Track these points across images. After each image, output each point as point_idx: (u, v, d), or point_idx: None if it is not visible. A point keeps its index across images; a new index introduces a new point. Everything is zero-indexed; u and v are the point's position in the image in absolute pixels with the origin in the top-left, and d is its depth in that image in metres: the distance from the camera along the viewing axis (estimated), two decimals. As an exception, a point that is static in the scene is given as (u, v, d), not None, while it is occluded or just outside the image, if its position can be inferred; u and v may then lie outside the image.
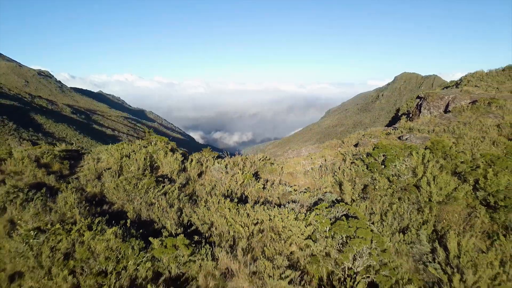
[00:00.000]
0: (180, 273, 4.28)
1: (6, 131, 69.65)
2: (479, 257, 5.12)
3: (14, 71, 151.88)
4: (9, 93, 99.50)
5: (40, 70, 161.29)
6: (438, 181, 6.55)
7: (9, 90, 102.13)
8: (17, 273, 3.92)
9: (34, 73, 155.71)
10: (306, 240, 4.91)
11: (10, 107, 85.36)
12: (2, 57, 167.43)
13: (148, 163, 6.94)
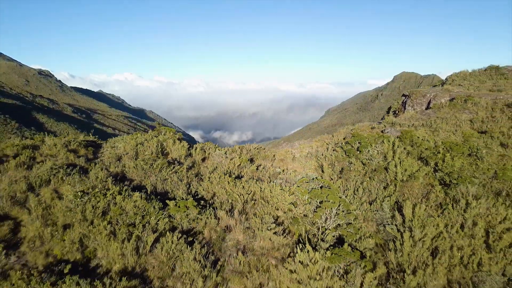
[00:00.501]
0: (190, 228, 5.59)
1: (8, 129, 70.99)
2: (428, 220, 6.47)
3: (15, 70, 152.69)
4: (10, 92, 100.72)
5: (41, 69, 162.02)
6: (403, 163, 7.88)
7: (10, 89, 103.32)
8: (67, 224, 5.23)
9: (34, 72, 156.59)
10: (289, 205, 6.22)
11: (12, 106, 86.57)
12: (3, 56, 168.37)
13: (159, 149, 8.25)
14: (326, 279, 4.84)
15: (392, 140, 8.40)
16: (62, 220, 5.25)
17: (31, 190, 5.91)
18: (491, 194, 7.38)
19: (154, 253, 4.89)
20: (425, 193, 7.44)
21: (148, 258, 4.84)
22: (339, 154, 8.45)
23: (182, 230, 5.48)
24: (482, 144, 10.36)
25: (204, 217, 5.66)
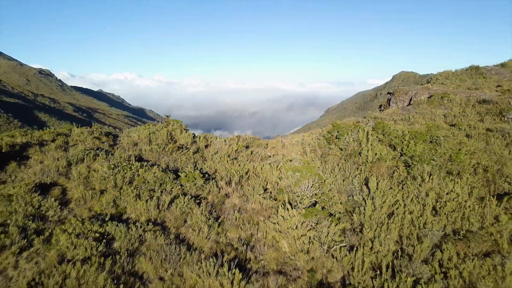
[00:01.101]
0: (197, 194, 7.18)
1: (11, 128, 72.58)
2: (388, 192, 8.07)
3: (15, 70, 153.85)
4: (12, 91, 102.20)
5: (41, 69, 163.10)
6: (374, 149, 9.47)
7: (12, 89, 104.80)
8: (103, 190, 6.82)
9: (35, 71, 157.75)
10: (276, 179, 7.81)
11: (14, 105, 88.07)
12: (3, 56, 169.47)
13: (169, 137, 9.84)
14: (301, 229, 6.43)
15: (366, 130, 9.99)
16: (98, 187, 6.84)
17: (70, 165, 7.50)
18: (444, 172, 8.99)
19: (171, 210, 6.48)
20: (391, 172, 9.03)
21: (166, 213, 6.43)
22: (321, 142, 10.05)
23: (191, 195, 7.06)
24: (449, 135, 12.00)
25: (208, 186, 7.25)
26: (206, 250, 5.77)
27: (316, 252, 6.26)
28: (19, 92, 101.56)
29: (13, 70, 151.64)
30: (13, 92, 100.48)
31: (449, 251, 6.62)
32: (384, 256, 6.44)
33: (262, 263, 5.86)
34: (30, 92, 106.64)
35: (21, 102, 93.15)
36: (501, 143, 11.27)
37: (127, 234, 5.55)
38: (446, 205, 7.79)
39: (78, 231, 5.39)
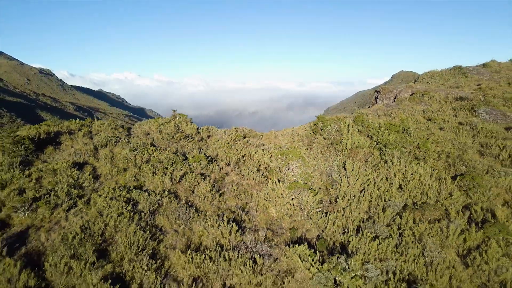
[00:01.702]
0: (202, 172, 8.79)
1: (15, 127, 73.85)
2: (362, 172, 9.68)
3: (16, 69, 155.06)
4: (14, 90, 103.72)
5: (42, 68, 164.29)
6: (353, 138, 11.08)
7: (14, 88, 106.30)
8: (125, 168, 8.42)
9: (35, 71, 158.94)
10: (267, 161, 9.42)
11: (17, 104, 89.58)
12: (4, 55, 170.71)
13: (176, 128, 11.44)
14: (286, 198, 8.04)
15: (347, 122, 11.60)
16: (121, 165, 8.45)
17: (96, 149, 9.11)
18: (412, 157, 10.61)
19: (181, 183, 8.09)
20: (367, 157, 10.63)
21: (177, 185, 8.04)
22: (308, 133, 11.66)
23: (197, 173, 8.67)
24: (424, 128, 13.63)
25: (211, 166, 8.86)
26: (209, 213, 7.37)
27: (298, 216, 7.88)
28: (21, 92, 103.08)
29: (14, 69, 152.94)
30: (15, 92, 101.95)
31: (407, 217, 8.27)
32: (353, 220, 8.07)
33: (254, 223, 7.48)
34: (31, 91, 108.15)
35: (23, 101, 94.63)
36: (468, 134, 12.93)
37: (148, 199, 7.17)
38: (409, 183, 9.42)
39: (110, 196, 7.00)
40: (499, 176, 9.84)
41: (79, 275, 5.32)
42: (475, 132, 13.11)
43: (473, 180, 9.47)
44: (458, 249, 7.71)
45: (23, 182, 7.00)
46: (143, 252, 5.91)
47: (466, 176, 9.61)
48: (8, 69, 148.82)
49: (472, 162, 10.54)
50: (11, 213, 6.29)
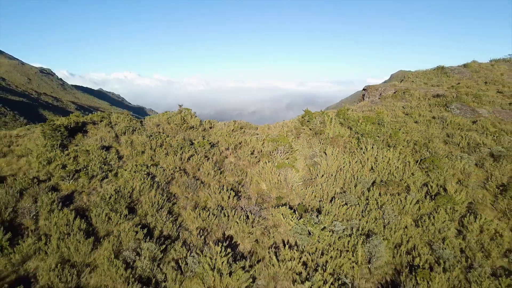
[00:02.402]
0: (206, 154, 10.70)
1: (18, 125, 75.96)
2: (340, 156, 11.58)
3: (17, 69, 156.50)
4: (16, 90, 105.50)
5: (42, 68, 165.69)
6: (335, 128, 12.98)
7: (16, 87, 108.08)
8: (143, 150, 10.32)
9: (36, 70, 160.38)
10: (260, 147, 11.33)
11: (19, 103, 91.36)
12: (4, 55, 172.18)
13: (182, 120, 13.34)
14: (274, 175, 9.94)
15: (330, 116, 13.51)
16: (139, 149, 10.35)
17: (117, 136, 11.01)
18: (384, 145, 12.51)
19: (189, 162, 9.99)
20: (346, 145, 12.54)
21: (186, 164, 9.95)
22: (297, 124, 13.57)
23: (202, 155, 10.56)
24: (401, 121, 15.51)
25: (213, 150, 10.76)
26: (212, 185, 9.27)
27: (284, 189, 9.78)
28: (23, 91, 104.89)
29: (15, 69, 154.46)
30: (17, 91, 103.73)
31: (374, 191, 10.18)
32: (328, 192, 9.98)
33: (248, 193, 9.39)
34: (33, 90, 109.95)
35: (26, 100, 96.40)
36: (438, 127, 14.86)
37: (163, 173, 9.07)
38: (379, 165, 11.33)
39: (134, 170, 8.90)
40: (455, 159, 11.77)
41: (116, 223, 7.22)
42: (444, 125, 15.03)
43: (433, 163, 11.37)
44: (413, 216, 9.63)
45: (64, 159, 8.90)
46: (162, 210, 7.82)
47: (427, 160, 11.52)
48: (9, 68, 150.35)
49: (435, 149, 12.46)
50: (59, 181, 8.18)
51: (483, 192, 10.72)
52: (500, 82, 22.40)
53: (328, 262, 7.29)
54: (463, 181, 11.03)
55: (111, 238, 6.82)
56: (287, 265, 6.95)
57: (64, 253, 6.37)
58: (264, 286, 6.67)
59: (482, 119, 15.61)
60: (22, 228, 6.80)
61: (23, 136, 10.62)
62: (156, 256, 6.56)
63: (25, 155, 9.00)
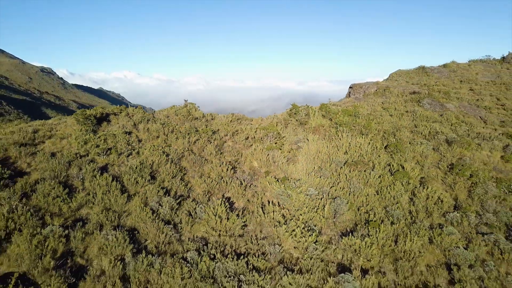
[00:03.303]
0: (208, 139, 13.17)
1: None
2: (319, 142, 14.08)
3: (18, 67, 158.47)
4: (19, 88, 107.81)
5: (43, 67, 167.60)
6: (317, 120, 15.46)
7: (19, 86, 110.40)
8: (157, 135, 12.79)
9: (37, 69, 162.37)
10: (253, 133, 13.80)
11: (23, 101, 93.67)
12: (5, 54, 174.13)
13: (187, 113, 15.80)
14: (264, 155, 12.41)
15: (314, 109, 15.99)
16: (154, 134, 12.82)
17: (135, 124, 13.47)
18: (358, 133, 14.97)
19: (195, 145, 12.46)
20: (326, 133, 15.01)
21: (192, 146, 12.42)
22: (286, 116, 16.05)
23: (206, 139, 13.02)
24: (378, 115, 17.97)
25: (214, 136, 13.24)
26: (214, 161, 11.74)
27: (271, 166, 12.25)
28: (26, 90, 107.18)
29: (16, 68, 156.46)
30: (20, 90, 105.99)
31: (345, 168, 12.65)
32: (307, 169, 12.45)
33: (242, 168, 11.86)
34: (36, 89, 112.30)
35: (29, 99, 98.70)
36: (408, 119, 17.35)
37: (175, 152, 11.55)
38: (352, 149, 13.82)
39: (152, 149, 11.37)
40: (416, 145, 14.26)
41: (142, 185, 9.69)
42: (414, 117, 17.53)
43: (396, 147, 13.86)
44: (375, 187, 12.09)
45: (96, 141, 11.35)
46: (175, 177, 10.29)
47: (392, 145, 14.02)
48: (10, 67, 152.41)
49: (401, 136, 14.97)
50: (95, 156, 10.65)
51: (436, 171, 13.23)
52: (473, 81, 24.90)
53: (302, 215, 9.78)
54: (421, 161, 13.53)
55: (139, 195, 9.30)
56: (270, 216, 9.43)
57: (107, 204, 8.83)
58: (253, 230, 9.16)
59: (448, 113, 18.11)
60: (74, 187, 9.27)
61: (57, 124, 13.07)
62: (173, 207, 9.04)
63: (66, 137, 11.47)
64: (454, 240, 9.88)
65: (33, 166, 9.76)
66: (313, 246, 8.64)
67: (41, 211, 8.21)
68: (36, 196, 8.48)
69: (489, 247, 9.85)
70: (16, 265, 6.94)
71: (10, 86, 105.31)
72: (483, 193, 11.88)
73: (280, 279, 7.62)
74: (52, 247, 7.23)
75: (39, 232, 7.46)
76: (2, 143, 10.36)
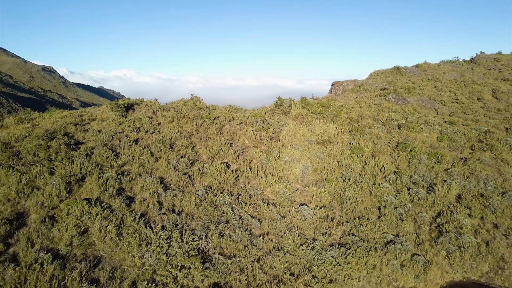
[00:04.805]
0: (211, 123, 17.36)
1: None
2: (297, 126, 18.32)
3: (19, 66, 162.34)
4: (24, 87, 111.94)
5: (44, 65, 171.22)
6: (297, 110, 19.63)
7: (23, 84, 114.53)
8: (172, 120, 16.96)
9: (38, 68, 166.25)
10: (245, 119, 17.97)
11: (28, 99, 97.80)
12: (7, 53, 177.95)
13: (193, 104, 19.98)
14: (253, 135, 16.58)
15: (295, 101, 20.15)
16: (169, 119, 17.00)
17: (155, 111, 17.64)
18: (328, 119, 19.16)
19: (201, 127, 16.66)
20: (303, 120, 19.16)
21: (199, 128, 16.61)
22: (273, 107, 20.24)
23: (209, 123, 17.17)
24: (350, 107, 22.15)
25: (215, 121, 17.43)
26: (215, 139, 15.88)
27: (258, 143, 16.43)
28: (30, 88, 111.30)
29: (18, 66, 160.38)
30: (25, 88, 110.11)
31: (315, 145, 16.81)
32: (285, 144, 16.62)
33: (237, 144, 16.04)
34: (39, 88, 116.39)
35: (34, 97, 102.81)
36: (374, 110, 21.53)
37: (186, 131, 15.71)
38: (322, 131, 17.99)
39: (169, 129, 15.54)
40: (374, 128, 18.44)
41: (164, 152, 13.85)
42: (379, 108, 21.71)
43: (357, 130, 18.05)
44: (336, 158, 16.23)
45: (128, 122, 15.51)
46: (188, 147, 14.47)
47: (354, 128, 18.19)
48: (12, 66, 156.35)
49: (363, 122, 19.14)
50: (129, 133, 14.81)
51: (386, 148, 17.42)
52: (439, 79, 29.13)
53: (278, 173, 13.95)
54: (375, 141, 17.72)
55: (164, 157, 13.49)
56: (255, 173, 13.63)
57: (141, 163, 12.99)
58: (243, 182, 13.34)
59: (408, 105, 22.32)
60: (117, 152, 13.43)
61: (95, 111, 17.24)
62: (188, 165, 13.23)
63: (105, 120, 15.64)
64: (386, 192, 14.06)
65: (87, 138, 13.95)
66: (283, 191, 12.82)
67: (99, 165, 12.37)
68: (95, 155, 12.67)
69: (412, 196, 14.03)
70: (90, 194, 11.10)
71: (15, 84, 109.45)
72: (418, 163, 16.06)
73: (259, 208, 11.81)
74: (112, 184, 11.41)
75: (101, 176, 11.63)
76: (62, 122, 14.57)
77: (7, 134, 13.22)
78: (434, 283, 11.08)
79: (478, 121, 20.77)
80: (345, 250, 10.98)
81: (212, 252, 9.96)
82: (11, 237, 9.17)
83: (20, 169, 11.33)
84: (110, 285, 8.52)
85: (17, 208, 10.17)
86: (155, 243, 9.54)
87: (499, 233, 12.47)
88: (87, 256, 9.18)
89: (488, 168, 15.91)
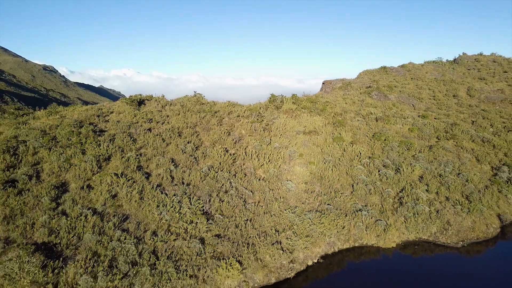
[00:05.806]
0: (212, 116, 20.19)
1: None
2: (288, 119, 21.16)
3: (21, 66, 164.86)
4: (26, 86, 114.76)
5: (45, 65, 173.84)
6: (288, 105, 22.49)
7: (26, 84, 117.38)
8: (178, 113, 19.81)
9: (39, 68, 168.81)
10: (242, 113, 20.80)
11: (31, 98, 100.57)
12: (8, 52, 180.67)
13: (197, 100, 22.81)
14: (248, 126, 19.39)
15: (287, 98, 22.98)
16: (176, 112, 19.86)
17: (163, 106, 20.47)
18: (316, 114, 22.01)
19: (204, 119, 19.49)
20: (293, 113, 21.97)
21: (202, 120, 19.45)
22: (267, 103, 23.08)
23: (210, 116, 19.99)
24: (336, 103, 24.98)
25: (216, 114, 20.27)
26: (216, 129, 18.69)
27: (253, 132, 19.26)
28: (33, 87, 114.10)
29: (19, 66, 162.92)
30: (28, 87, 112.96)
31: (301, 135, 19.65)
32: (276, 134, 19.46)
33: (234, 133, 18.87)
34: (42, 87, 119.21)
35: (37, 96, 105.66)
36: (357, 105, 24.36)
37: (191, 122, 18.55)
38: (309, 124, 20.83)
39: (177, 120, 18.38)
40: (355, 121, 21.28)
41: (173, 139, 16.68)
42: (362, 104, 24.54)
43: (340, 123, 20.91)
44: (320, 146, 19.05)
45: (142, 114, 18.34)
46: (193, 135, 17.31)
47: (337, 121, 21.04)
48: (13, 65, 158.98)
49: (346, 116, 21.97)
50: (142, 123, 17.64)
51: (364, 137, 20.26)
52: (422, 78, 31.97)
53: (269, 156, 16.77)
54: (355, 132, 20.55)
55: (173, 143, 16.32)
56: (249, 156, 16.46)
57: (155, 147, 15.81)
58: (239, 163, 16.17)
59: (388, 102, 25.16)
60: (134, 138, 16.25)
61: (112, 106, 20.05)
62: (193, 149, 16.08)
63: (122, 112, 18.48)
64: (360, 172, 16.89)
65: (109, 127, 16.79)
66: (272, 170, 15.66)
67: (121, 148, 15.20)
68: (117, 140, 15.52)
69: (381, 176, 16.84)
70: (116, 170, 13.93)
71: (18, 83, 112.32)
72: (390, 150, 18.89)
73: (252, 182, 14.66)
74: (132, 162, 14.25)
75: (124, 156, 14.45)
76: (85, 114, 17.45)
77: (41, 124, 16.08)
78: (392, 241, 13.88)
79: (450, 115, 23.60)
80: (321, 214, 13.82)
81: (214, 213, 12.82)
82: (59, 198, 12.02)
83: (58, 150, 14.16)
84: (137, 232, 11.37)
85: (59, 179, 13.01)
86: (169, 204, 12.40)
87: (449, 204, 15.30)
88: (117, 213, 12.03)
89: (449, 154, 18.75)
